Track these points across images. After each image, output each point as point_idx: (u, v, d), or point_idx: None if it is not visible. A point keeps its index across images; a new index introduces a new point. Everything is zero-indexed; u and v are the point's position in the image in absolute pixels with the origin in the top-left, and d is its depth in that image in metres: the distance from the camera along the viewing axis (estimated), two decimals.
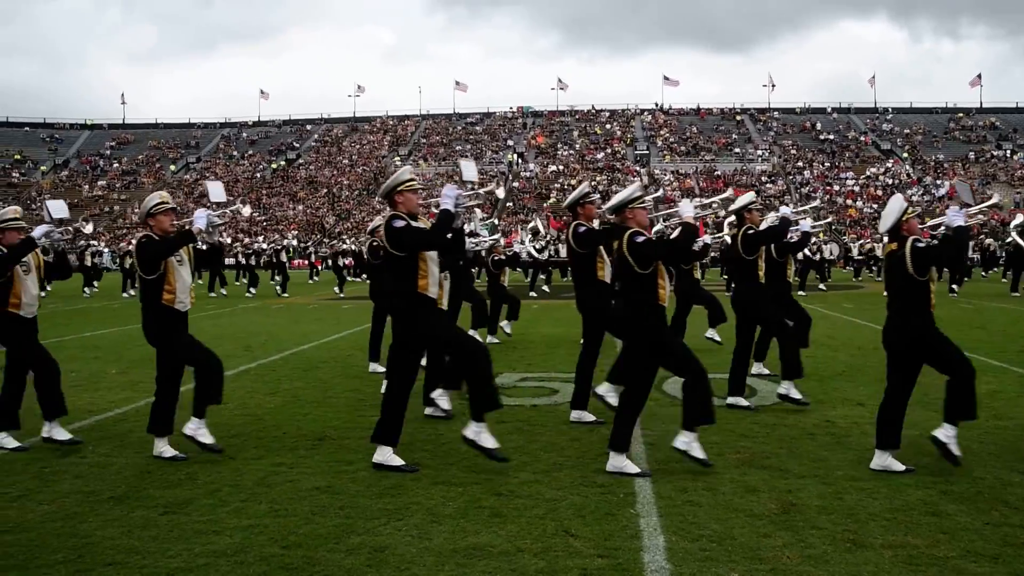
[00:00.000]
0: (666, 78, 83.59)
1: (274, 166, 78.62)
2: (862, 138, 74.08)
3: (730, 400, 7.83)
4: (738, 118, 79.23)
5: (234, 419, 7.51)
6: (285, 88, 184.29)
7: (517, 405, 8.01)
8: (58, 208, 7.11)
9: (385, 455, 5.85)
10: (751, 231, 7.96)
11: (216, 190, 7.03)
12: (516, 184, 69.27)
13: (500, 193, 6.16)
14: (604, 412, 7.17)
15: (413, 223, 5.88)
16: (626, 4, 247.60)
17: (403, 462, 5.81)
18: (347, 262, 30.07)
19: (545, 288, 26.99)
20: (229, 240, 29.75)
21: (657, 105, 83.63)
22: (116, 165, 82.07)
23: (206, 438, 6.33)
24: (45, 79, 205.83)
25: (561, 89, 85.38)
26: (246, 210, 6.67)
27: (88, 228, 13.26)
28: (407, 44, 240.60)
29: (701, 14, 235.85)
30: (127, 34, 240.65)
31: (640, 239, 5.83)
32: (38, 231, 6.68)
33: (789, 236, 8.44)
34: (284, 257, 29.34)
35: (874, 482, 5.42)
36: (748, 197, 8.23)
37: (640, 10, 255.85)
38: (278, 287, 27.35)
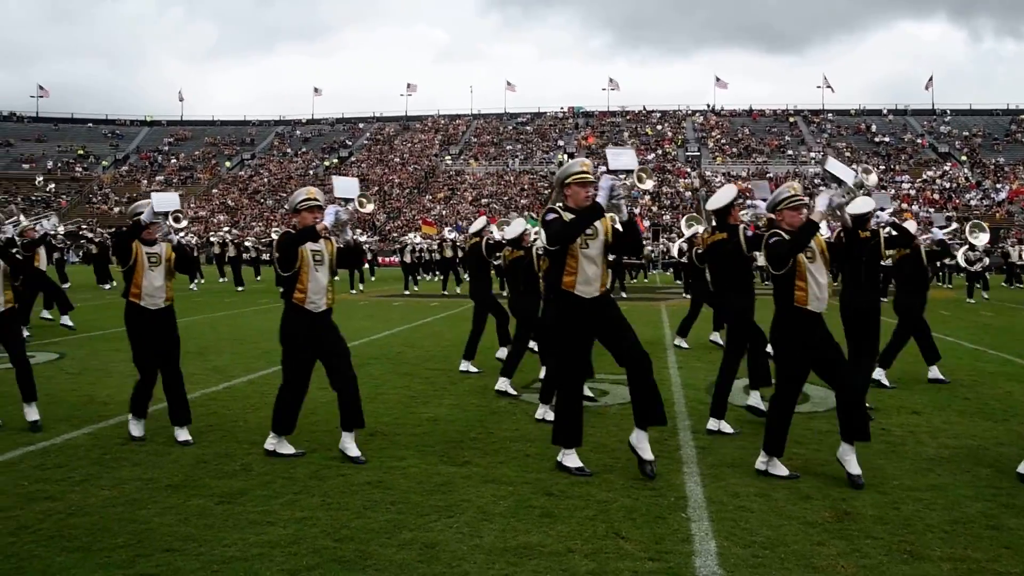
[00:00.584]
0: (717, 79, 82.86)
1: (327, 163, 79.49)
2: (919, 140, 72.65)
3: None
4: (791, 120, 78.22)
5: None
6: (338, 87, 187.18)
7: None
8: (164, 201, 6.66)
9: (565, 457, 5.75)
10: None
11: (343, 185, 6.51)
12: None
13: (647, 185, 5.86)
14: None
15: (564, 216, 5.55)
16: (679, 5, 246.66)
17: (581, 464, 5.70)
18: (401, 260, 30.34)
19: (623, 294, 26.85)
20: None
21: (709, 106, 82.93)
22: (174, 161, 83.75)
23: (352, 450, 6.09)
24: (108, 78, 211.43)
25: (612, 89, 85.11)
26: (369, 206, 6.41)
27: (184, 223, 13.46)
28: (460, 44, 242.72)
29: (755, 15, 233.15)
30: (188, 34, 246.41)
31: (773, 239, 5.67)
32: (144, 215, 6.57)
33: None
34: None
35: (931, 493, 5.31)
36: (730, 192, 7.57)
37: (693, 11, 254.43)
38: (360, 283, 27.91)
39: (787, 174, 65.77)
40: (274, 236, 29.97)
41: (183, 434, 6.55)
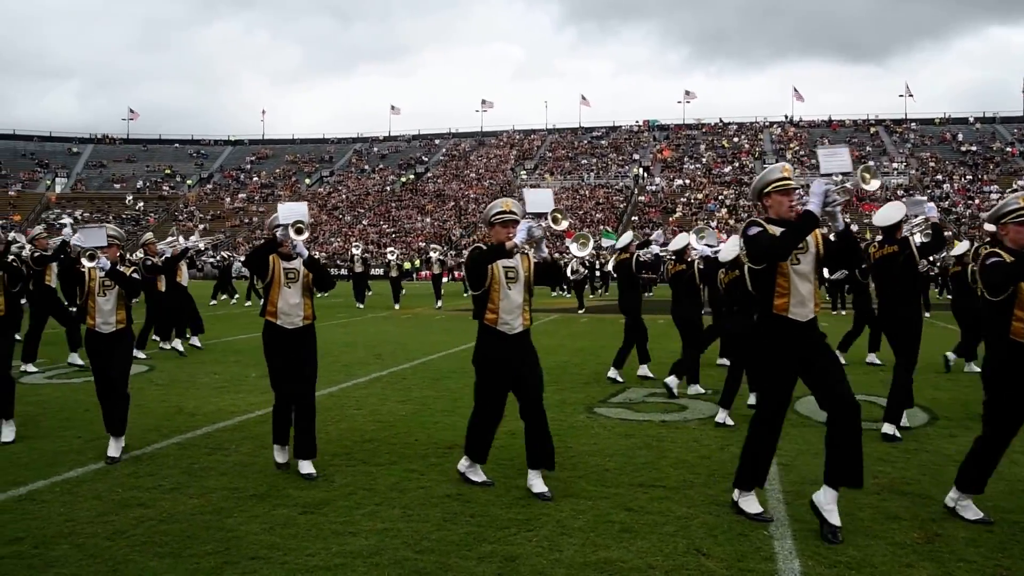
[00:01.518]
0: (795, 91, 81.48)
1: (403, 179, 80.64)
2: (1008, 149, 70.06)
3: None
4: (872, 130, 76.34)
5: (367, 425, 7.72)
6: (415, 104, 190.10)
7: (646, 421, 7.94)
8: (290, 211, 6.05)
9: (743, 499, 5.17)
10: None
11: (537, 199, 5.67)
12: (642, 198, 68.77)
13: (872, 186, 5.19)
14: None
15: (770, 229, 4.93)
16: (758, 17, 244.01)
17: (760, 509, 5.13)
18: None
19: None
20: (358, 251, 30.30)
21: (787, 118, 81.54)
22: (256, 178, 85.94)
23: (538, 486, 5.58)
24: (194, 99, 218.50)
25: (688, 102, 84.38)
26: (564, 223, 5.64)
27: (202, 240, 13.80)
28: (536, 60, 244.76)
29: (835, 25, 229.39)
30: (272, 56, 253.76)
31: (992, 260, 4.97)
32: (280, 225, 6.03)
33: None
34: (398, 271, 28.80)
35: None
36: (900, 209, 7.52)
37: (772, 23, 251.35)
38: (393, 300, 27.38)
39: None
40: (354, 251, 30.28)
41: (307, 467, 6.03)
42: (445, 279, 37.39)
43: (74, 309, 11.91)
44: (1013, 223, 5.02)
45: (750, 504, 5.12)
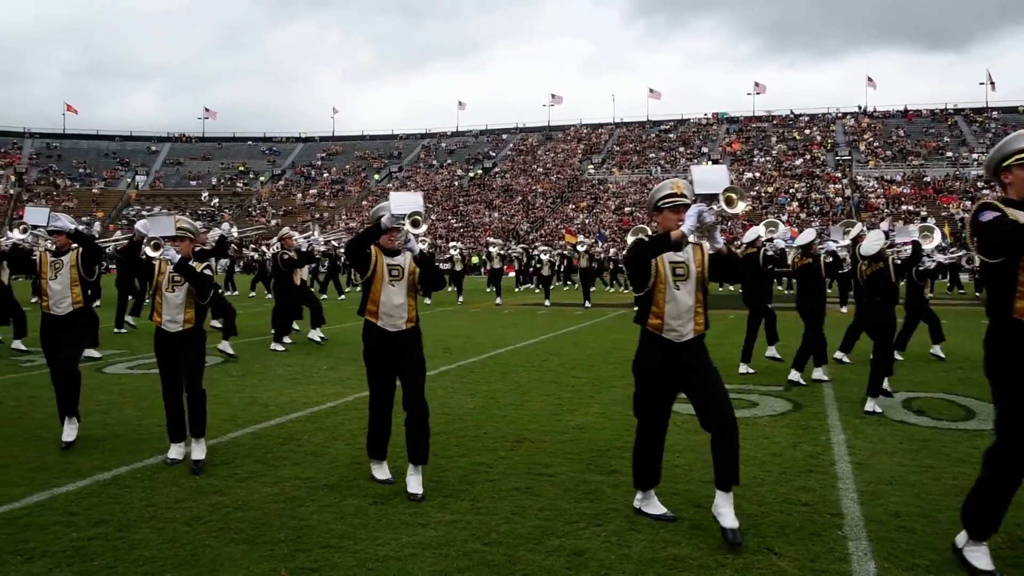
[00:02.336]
0: (869, 80, 79.45)
1: (471, 174, 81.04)
2: None
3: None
4: (951, 120, 73.96)
5: (436, 418, 7.73)
6: (483, 100, 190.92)
7: None
8: (404, 201, 5.47)
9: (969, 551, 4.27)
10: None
11: (707, 178, 4.60)
12: None
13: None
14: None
15: (1011, 213, 4.00)
16: (831, 6, 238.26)
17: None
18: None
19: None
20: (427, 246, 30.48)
21: (860, 108, 79.58)
22: (326, 174, 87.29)
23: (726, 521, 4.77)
24: (269, 98, 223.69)
25: (758, 94, 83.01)
26: (740, 204, 4.45)
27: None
28: (604, 54, 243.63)
29: (913, 12, 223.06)
30: (345, 55, 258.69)
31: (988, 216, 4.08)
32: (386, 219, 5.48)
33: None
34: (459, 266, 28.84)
35: None
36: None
37: (846, 11, 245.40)
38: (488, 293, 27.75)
39: (945, 177, 62.30)
40: (452, 252, 29.94)
41: (414, 484, 5.38)
42: (510, 273, 37.53)
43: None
44: (1017, 165, 4.14)
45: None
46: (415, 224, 5.44)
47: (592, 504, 5.18)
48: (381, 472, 5.78)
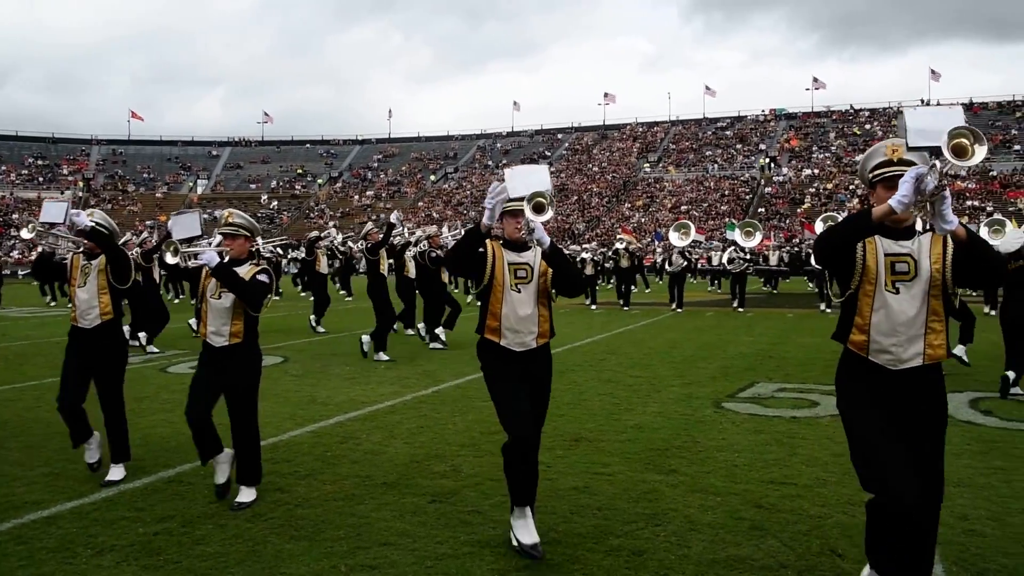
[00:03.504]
0: (933, 72, 77.46)
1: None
2: None
3: None
4: (1019, 112, 71.73)
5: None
6: (540, 100, 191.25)
7: (776, 416, 7.72)
8: (525, 180, 4.30)
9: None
10: None
11: (922, 125, 3.29)
12: (768, 189, 66.95)
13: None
14: None
15: None
16: None
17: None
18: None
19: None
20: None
21: (923, 101, 77.59)
22: (382, 176, 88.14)
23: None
24: (329, 102, 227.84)
25: (817, 89, 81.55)
26: (980, 151, 3.16)
27: (394, 216, 14.29)
28: (663, 53, 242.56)
29: (980, 1, 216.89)
30: (405, 58, 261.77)
31: None
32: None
33: None
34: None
35: None
36: None
37: (910, 3, 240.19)
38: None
39: (1013, 171, 60.46)
40: (619, 245, 28.96)
41: (525, 533, 4.34)
42: None
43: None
44: None
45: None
46: (538, 210, 4.20)
47: (651, 504, 5.12)
48: (526, 532, 4.34)
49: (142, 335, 13.47)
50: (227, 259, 5.35)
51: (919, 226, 3.52)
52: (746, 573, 4.07)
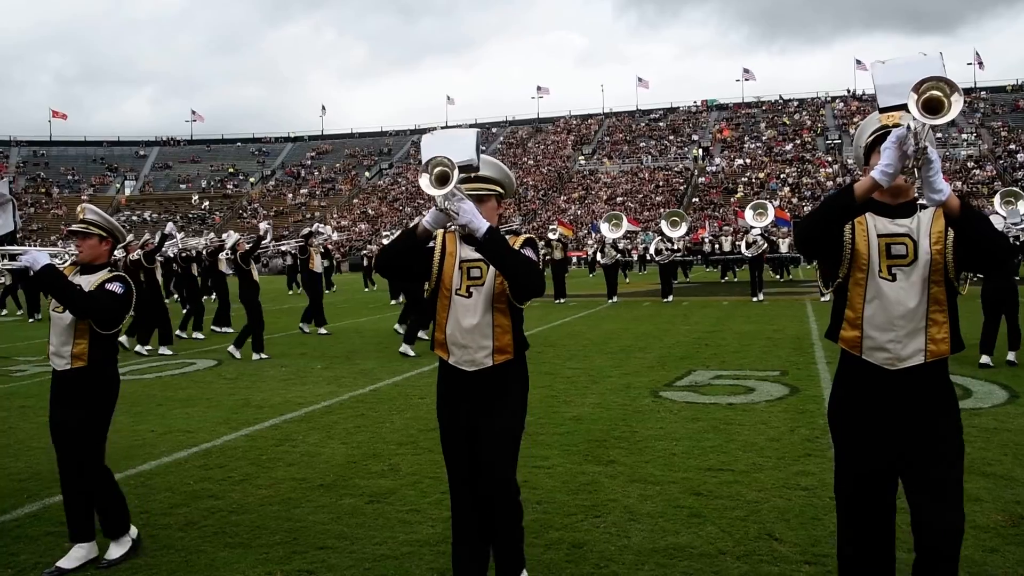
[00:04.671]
0: (858, 62, 79.28)
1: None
2: None
3: None
4: None
5: (431, 414, 7.72)
6: (474, 95, 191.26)
7: (712, 404, 7.80)
8: (448, 144, 3.55)
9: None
10: None
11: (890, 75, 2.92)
12: (702, 179, 67.89)
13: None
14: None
15: None
16: None
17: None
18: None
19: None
20: None
21: (849, 91, 79.50)
22: (316, 174, 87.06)
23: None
24: (263, 100, 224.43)
25: (747, 80, 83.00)
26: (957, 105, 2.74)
27: (263, 227, 14.14)
28: (597, 47, 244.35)
29: None
30: (340, 54, 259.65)
31: None
32: None
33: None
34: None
35: None
36: None
37: None
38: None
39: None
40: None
41: None
42: None
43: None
44: None
45: None
46: (441, 181, 3.31)
47: (590, 496, 5.13)
48: None
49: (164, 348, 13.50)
50: (68, 262, 4.58)
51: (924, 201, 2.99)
52: (685, 561, 4.08)
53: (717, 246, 35.04)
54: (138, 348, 13.35)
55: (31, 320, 20.13)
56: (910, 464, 2.98)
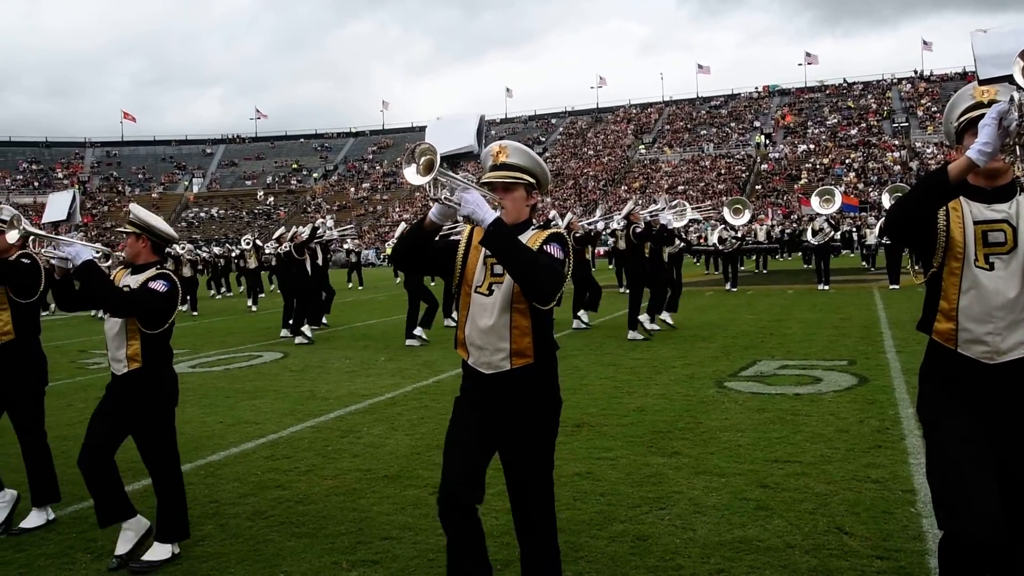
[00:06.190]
0: (925, 43, 77.03)
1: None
2: None
3: None
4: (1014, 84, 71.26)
5: None
6: (534, 87, 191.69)
7: (778, 394, 7.67)
8: (444, 134, 3.60)
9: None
10: None
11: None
12: (764, 166, 66.78)
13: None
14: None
15: None
16: None
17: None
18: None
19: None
20: None
21: (916, 73, 77.26)
22: (378, 168, 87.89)
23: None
24: (324, 97, 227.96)
25: (809, 64, 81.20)
26: None
27: (330, 222, 14.31)
28: (658, 35, 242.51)
29: None
30: (405, 50, 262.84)
31: None
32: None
33: None
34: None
35: None
36: None
37: None
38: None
39: None
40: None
41: None
42: None
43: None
44: None
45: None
46: (427, 169, 3.03)
47: (655, 488, 5.07)
48: None
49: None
50: (111, 261, 4.55)
51: None
52: (752, 555, 4.01)
53: (752, 236, 34.40)
54: (304, 329, 13.73)
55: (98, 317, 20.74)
56: (1010, 472, 2.78)
